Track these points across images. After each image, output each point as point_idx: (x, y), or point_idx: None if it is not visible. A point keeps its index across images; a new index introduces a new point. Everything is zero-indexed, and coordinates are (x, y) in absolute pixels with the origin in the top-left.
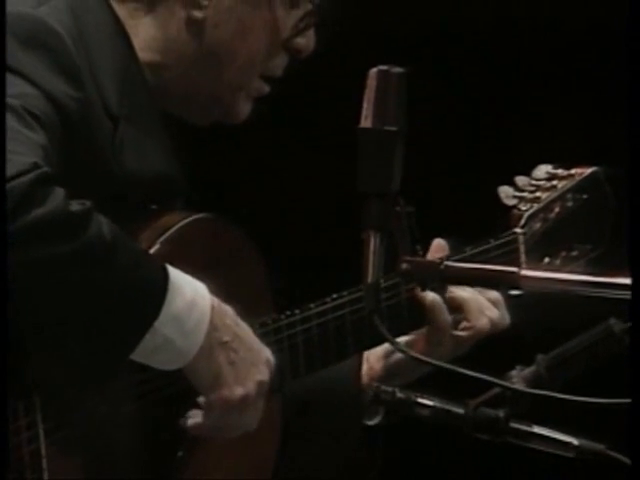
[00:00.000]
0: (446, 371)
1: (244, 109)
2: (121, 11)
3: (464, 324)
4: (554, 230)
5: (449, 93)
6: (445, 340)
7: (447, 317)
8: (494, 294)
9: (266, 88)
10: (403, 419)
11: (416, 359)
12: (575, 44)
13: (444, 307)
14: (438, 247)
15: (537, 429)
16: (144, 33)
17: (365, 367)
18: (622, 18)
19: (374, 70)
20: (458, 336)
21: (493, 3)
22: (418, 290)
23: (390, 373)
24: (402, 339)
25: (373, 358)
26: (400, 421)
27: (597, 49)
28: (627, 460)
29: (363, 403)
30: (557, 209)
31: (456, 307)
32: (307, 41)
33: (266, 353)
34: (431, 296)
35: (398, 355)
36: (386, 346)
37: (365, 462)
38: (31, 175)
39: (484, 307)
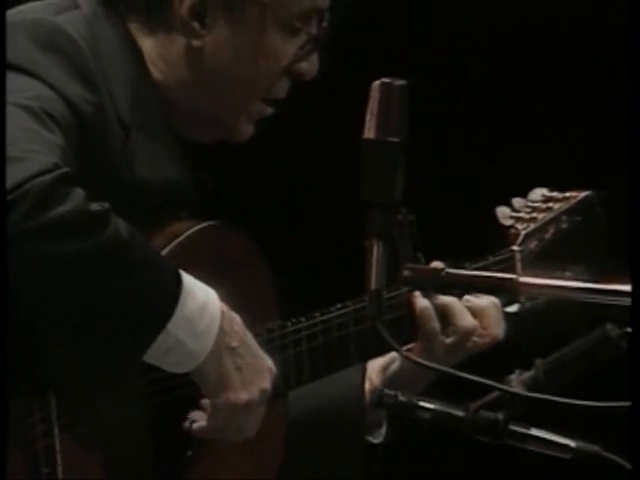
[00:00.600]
0: (447, 375)
1: (246, 130)
2: (133, 34)
3: (480, 331)
4: (549, 250)
5: (451, 115)
6: (435, 346)
7: (435, 325)
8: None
9: (268, 110)
10: (404, 437)
11: (418, 364)
12: (572, 70)
13: (434, 315)
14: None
15: (535, 431)
16: (149, 55)
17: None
18: (615, 46)
19: (377, 83)
20: (475, 342)
21: (494, 23)
22: (412, 296)
23: (390, 385)
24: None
25: (372, 371)
26: (400, 439)
27: (592, 76)
28: (622, 461)
29: (366, 422)
30: (552, 230)
31: (475, 315)
32: (310, 66)
33: (268, 362)
34: (422, 303)
35: (396, 367)
36: (384, 359)
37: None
38: (53, 174)
39: (499, 318)
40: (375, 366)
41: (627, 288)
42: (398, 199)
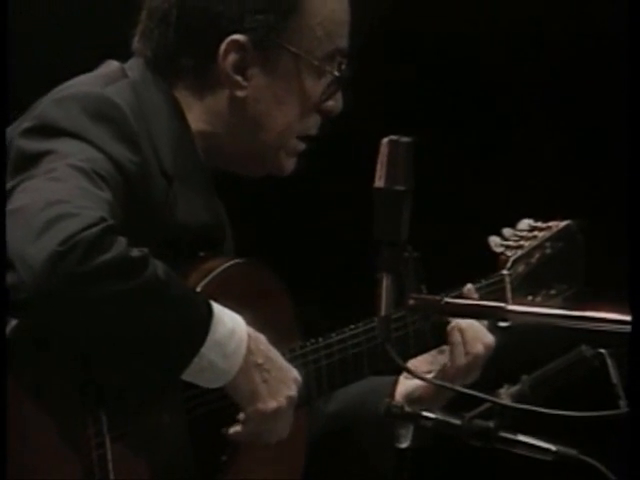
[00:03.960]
0: (447, 390)
1: (288, 164)
2: (177, 92)
3: (463, 350)
4: (535, 272)
5: (452, 161)
6: (462, 358)
7: (459, 337)
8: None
9: (303, 146)
10: (433, 442)
11: (421, 379)
12: (555, 108)
13: (458, 332)
14: (468, 292)
15: (521, 437)
16: (196, 109)
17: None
18: (596, 87)
19: (386, 140)
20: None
21: (480, 61)
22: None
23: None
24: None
25: (398, 394)
26: (429, 445)
27: (573, 114)
28: (596, 463)
29: (395, 428)
30: (538, 255)
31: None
32: (335, 103)
33: (293, 372)
34: (452, 323)
35: (417, 394)
36: (406, 386)
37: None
38: (99, 227)
39: (480, 335)
40: (400, 391)
41: (600, 315)
42: (405, 238)
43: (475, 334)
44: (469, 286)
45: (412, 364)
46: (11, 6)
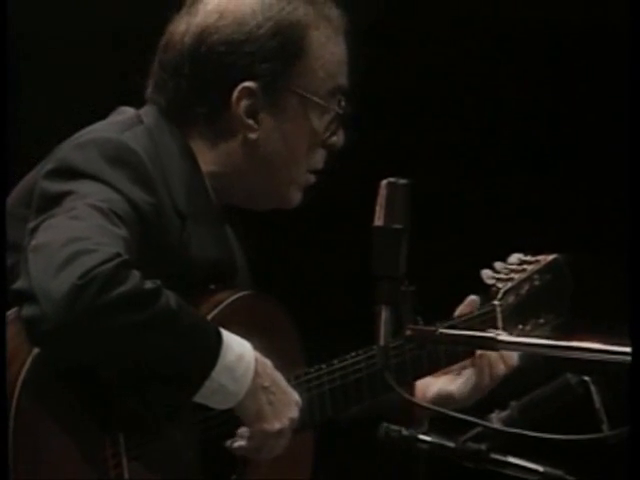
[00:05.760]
0: (440, 414)
1: (296, 197)
2: (191, 137)
3: (489, 372)
4: (525, 303)
5: (449, 202)
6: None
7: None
8: None
9: (312, 178)
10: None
11: (417, 405)
12: (545, 143)
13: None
14: (471, 302)
15: (511, 459)
16: (208, 152)
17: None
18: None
19: (385, 181)
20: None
21: (464, 103)
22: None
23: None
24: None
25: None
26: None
27: (561, 150)
28: None
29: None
30: (527, 287)
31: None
32: (338, 138)
33: (295, 396)
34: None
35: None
36: (437, 385)
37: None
38: (115, 261)
39: (505, 356)
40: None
41: (584, 345)
42: (402, 273)
43: (498, 356)
44: (472, 297)
45: (432, 381)
46: (27, 57)
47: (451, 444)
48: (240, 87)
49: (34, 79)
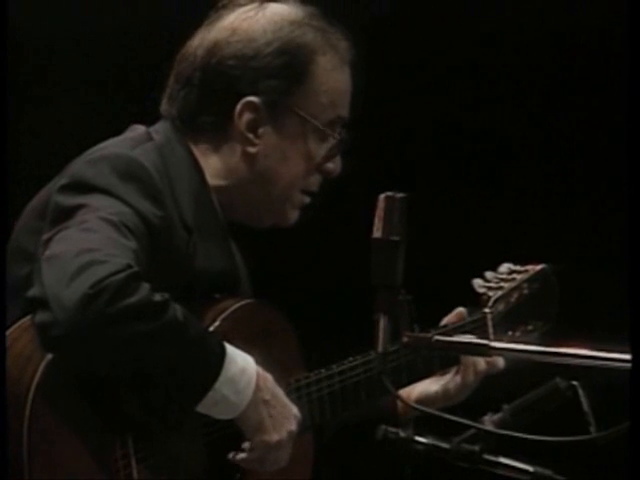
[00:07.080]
0: (436, 417)
1: (292, 216)
2: (196, 150)
3: (473, 369)
4: (514, 311)
5: (449, 215)
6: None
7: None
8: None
9: (307, 199)
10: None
11: (411, 407)
12: (538, 155)
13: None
14: (458, 313)
15: (503, 459)
16: (212, 165)
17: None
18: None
19: (382, 195)
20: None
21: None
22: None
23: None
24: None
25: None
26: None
27: (552, 161)
28: None
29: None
30: (516, 295)
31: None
32: (335, 166)
33: (294, 409)
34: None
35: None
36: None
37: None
38: (125, 273)
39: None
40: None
41: (572, 350)
42: (399, 283)
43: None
44: (460, 309)
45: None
46: (43, 76)
47: (446, 445)
48: (244, 101)
49: (41, 94)
